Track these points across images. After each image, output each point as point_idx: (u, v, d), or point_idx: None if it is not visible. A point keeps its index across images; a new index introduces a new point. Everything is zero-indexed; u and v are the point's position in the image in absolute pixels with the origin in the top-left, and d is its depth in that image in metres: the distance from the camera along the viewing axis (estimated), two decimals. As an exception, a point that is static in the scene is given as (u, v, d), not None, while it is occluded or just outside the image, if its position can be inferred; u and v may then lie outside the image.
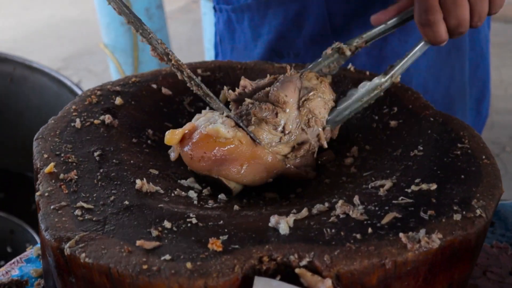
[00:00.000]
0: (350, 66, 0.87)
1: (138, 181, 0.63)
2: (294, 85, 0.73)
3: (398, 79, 0.77)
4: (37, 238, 1.38)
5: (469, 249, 0.56)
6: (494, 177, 0.62)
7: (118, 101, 0.80)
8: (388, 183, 0.63)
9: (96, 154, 0.68)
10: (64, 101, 1.59)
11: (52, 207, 0.58)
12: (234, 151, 0.67)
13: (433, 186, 0.61)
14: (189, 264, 0.50)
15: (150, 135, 0.77)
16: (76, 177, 0.63)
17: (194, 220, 0.57)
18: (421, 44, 0.78)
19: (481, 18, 0.74)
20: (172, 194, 0.64)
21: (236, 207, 0.64)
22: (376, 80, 0.76)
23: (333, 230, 0.55)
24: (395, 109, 0.79)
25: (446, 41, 0.76)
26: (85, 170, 0.65)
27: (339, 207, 0.59)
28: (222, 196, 0.68)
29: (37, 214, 0.59)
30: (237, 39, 1.11)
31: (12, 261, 0.81)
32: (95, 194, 0.61)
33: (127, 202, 0.60)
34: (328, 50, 0.82)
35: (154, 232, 0.55)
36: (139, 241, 0.52)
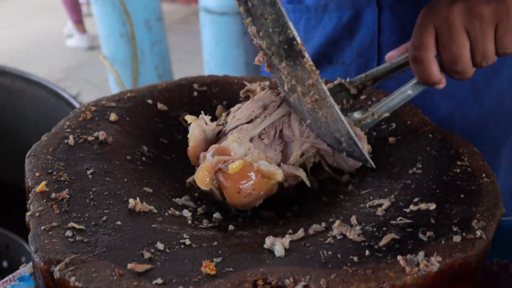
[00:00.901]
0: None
1: (131, 201, 0.62)
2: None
3: (384, 116, 0.74)
4: (33, 254, 1.37)
5: (470, 271, 0.55)
6: (495, 196, 0.61)
7: (113, 117, 0.78)
8: (386, 203, 0.62)
9: (89, 172, 0.66)
10: (62, 114, 1.58)
11: (43, 228, 0.56)
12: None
13: (432, 206, 0.60)
14: (181, 288, 0.48)
15: (145, 152, 0.76)
16: (68, 196, 0.62)
17: (188, 241, 0.56)
18: (413, 83, 0.73)
19: (486, 58, 0.67)
20: (166, 214, 0.63)
21: (231, 227, 0.62)
22: (356, 115, 0.73)
23: (330, 252, 0.53)
24: (394, 125, 0.78)
25: (442, 83, 0.71)
26: (78, 189, 0.63)
27: (336, 228, 0.58)
28: (217, 215, 0.66)
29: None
30: None
31: (5, 279, 0.80)
32: (87, 214, 0.59)
33: (119, 223, 0.58)
34: (330, 85, 0.78)
35: (146, 254, 0.53)
36: (130, 264, 0.51)
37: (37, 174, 0.65)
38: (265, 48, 0.65)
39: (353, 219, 0.59)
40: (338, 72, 1.01)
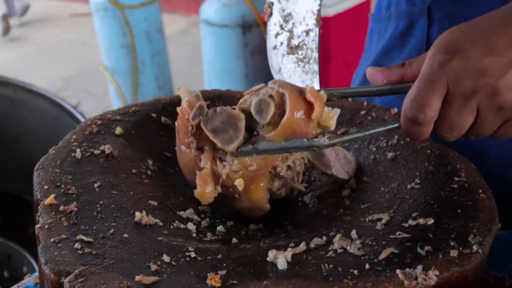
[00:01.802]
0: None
1: (138, 214, 0.63)
2: None
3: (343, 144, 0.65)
4: (34, 263, 1.38)
5: (466, 285, 0.57)
6: (491, 212, 0.63)
7: (118, 131, 0.80)
8: (386, 217, 0.64)
9: (96, 185, 0.68)
10: (64, 125, 1.60)
11: (52, 240, 0.58)
12: None
13: (430, 221, 0.61)
14: (188, 300, 0.50)
15: (150, 165, 0.77)
16: (76, 209, 0.63)
17: (193, 254, 0.58)
18: (393, 127, 0.64)
19: (478, 138, 0.62)
20: (171, 227, 0.65)
21: (235, 240, 0.64)
22: (321, 141, 0.63)
23: (331, 266, 0.55)
24: (393, 141, 0.80)
25: None
26: (85, 202, 0.65)
27: (337, 241, 0.60)
28: (221, 228, 0.68)
29: (37, 245, 0.60)
30: (365, 48, 1.12)
31: (10, 290, 0.81)
32: (95, 227, 0.61)
33: (126, 235, 0.60)
34: None
35: (153, 266, 0.55)
36: (138, 276, 0.53)
37: (46, 187, 0.66)
38: None
39: (353, 233, 0.61)
40: None
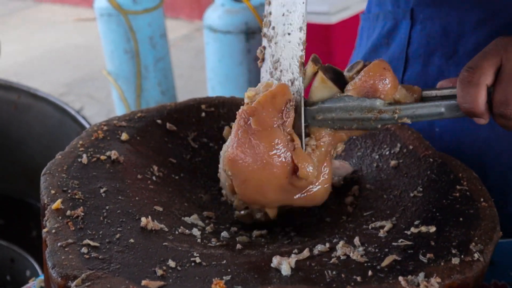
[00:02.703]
0: None
1: (143, 219, 0.64)
2: None
3: (404, 120, 0.67)
4: (37, 267, 1.38)
5: (468, 293, 0.57)
6: (492, 220, 0.64)
7: (124, 137, 0.81)
8: (388, 224, 0.65)
9: (102, 191, 0.69)
10: (67, 129, 1.61)
11: (59, 244, 0.59)
12: None
13: (432, 229, 0.62)
14: (193, 305, 0.51)
15: (155, 171, 0.78)
16: (83, 214, 0.64)
17: (198, 260, 0.59)
18: (451, 103, 0.65)
19: None
20: (176, 232, 0.66)
21: (239, 246, 0.65)
22: (376, 102, 0.66)
23: (334, 272, 0.56)
24: (396, 149, 0.81)
25: (484, 119, 0.65)
26: (92, 207, 0.66)
27: (340, 248, 0.60)
28: (225, 234, 0.69)
29: (43, 250, 0.61)
30: (356, 46, 1.16)
31: (15, 293, 0.82)
32: (101, 232, 0.62)
33: (132, 240, 0.61)
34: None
35: (159, 271, 0.56)
36: (144, 281, 0.53)
37: (53, 192, 0.67)
38: None
39: (356, 240, 0.62)
40: None
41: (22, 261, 1.44)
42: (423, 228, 0.63)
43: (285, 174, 0.66)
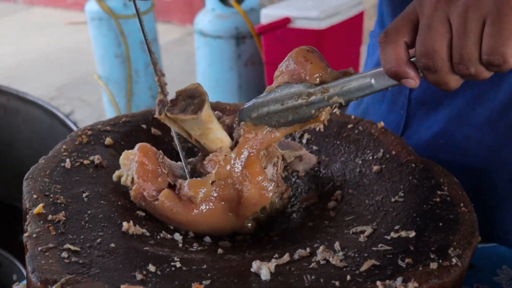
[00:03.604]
0: (336, 110, 0.89)
1: (125, 224, 0.64)
2: None
3: (335, 100, 0.65)
4: (24, 271, 1.38)
5: (446, 297, 0.58)
6: (471, 225, 0.64)
7: (108, 141, 0.81)
8: (369, 229, 0.65)
9: (85, 195, 0.69)
10: (56, 133, 1.61)
11: (40, 249, 0.59)
12: None
13: (412, 234, 0.63)
14: (172, 309, 0.51)
15: (139, 176, 0.78)
16: (64, 219, 0.64)
17: (178, 264, 0.59)
18: (378, 70, 0.63)
19: (465, 61, 0.57)
20: (158, 237, 0.66)
21: (220, 251, 0.65)
22: (301, 86, 0.66)
23: (313, 277, 0.56)
24: (379, 154, 0.81)
25: (411, 79, 0.61)
26: (73, 211, 0.66)
27: (320, 253, 0.61)
28: (207, 239, 0.69)
29: (25, 255, 0.61)
30: (365, 62, 1.16)
31: (-2, 298, 0.81)
32: (82, 236, 0.62)
33: (113, 245, 0.61)
34: None
35: (139, 276, 0.56)
36: (124, 285, 0.53)
37: (35, 196, 0.67)
38: None
39: (337, 245, 0.62)
40: None
41: (9, 265, 1.43)
42: (403, 233, 0.63)
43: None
